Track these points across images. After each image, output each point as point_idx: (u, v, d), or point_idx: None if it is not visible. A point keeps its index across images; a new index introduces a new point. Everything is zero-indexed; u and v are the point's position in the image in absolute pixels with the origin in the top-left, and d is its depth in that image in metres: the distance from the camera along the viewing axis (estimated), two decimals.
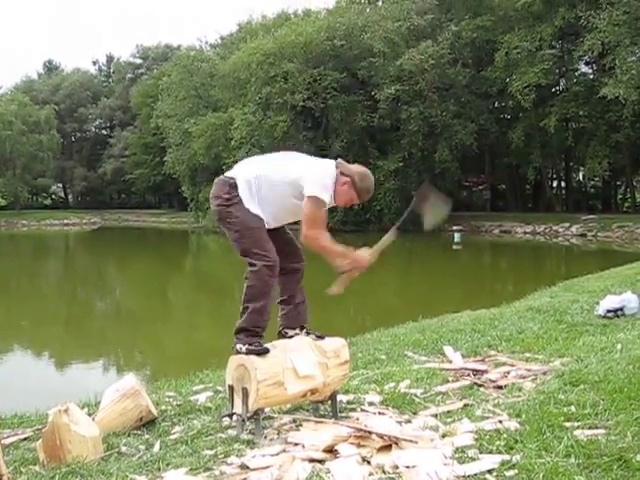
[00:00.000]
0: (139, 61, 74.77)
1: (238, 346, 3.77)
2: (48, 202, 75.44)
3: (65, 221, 58.90)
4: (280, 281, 3.94)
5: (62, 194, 78.12)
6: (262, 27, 44.18)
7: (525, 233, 34.63)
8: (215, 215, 3.92)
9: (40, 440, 3.51)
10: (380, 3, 42.49)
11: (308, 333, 3.99)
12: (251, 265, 3.79)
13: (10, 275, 24.05)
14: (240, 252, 3.85)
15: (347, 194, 3.86)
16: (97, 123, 77.60)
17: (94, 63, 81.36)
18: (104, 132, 77.21)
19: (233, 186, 3.84)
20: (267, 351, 3.72)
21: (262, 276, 3.77)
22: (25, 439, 3.99)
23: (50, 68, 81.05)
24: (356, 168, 3.92)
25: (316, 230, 3.76)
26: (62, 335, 12.73)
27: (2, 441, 3.70)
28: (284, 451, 3.34)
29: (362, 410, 4.04)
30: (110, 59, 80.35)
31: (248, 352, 3.71)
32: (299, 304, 4.03)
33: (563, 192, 44.69)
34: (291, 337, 4.00)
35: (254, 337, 3.78)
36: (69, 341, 12.16)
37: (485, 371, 4.89)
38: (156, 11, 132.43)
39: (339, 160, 3.96)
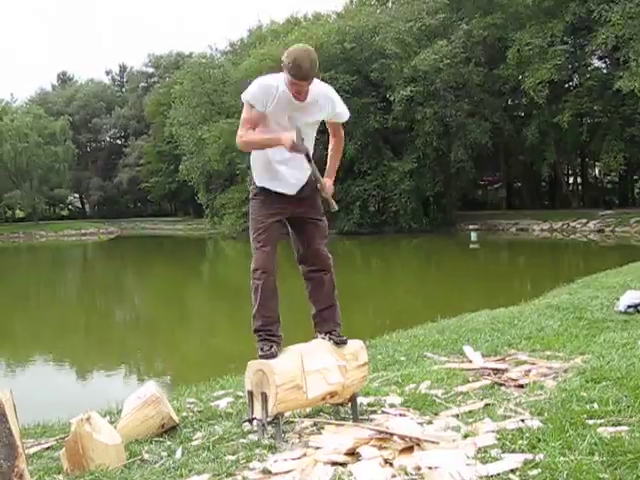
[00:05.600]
0: (151, 70, 75.27)
1: None
2: (65, 213, 76.15)
3: (82, 231, 59.39)
4: (305, 287, 4.01)
5: (79, 204, 78.76)
6: (272, 32, 44.31)
7: (542, 230, 34.45)
8: None
9: (63, 449, 3.53)
10: (390, 4, 42.50)
11: (331, 338, 3.94)
12: None
13: (30, 285, 24.25)
14: None
15: (287, 82, 3.61)
16: (111, 133, 78.22)
17: (107, 73, 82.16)
18: (119, 142, 77.82)
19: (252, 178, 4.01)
20: (273, 356, 3.72)
21: (251, 278, 3.90)
22: (48, 448, 4.02)
23: (64, 80, 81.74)
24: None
25: (241, 131, 3.76)
26: (83, 344, 12.82)
27: (26, 450, 3.72)
28: (306, 455, 3.34)
29: (383, 412, 4.03)
30: (123, 69, 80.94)
31: (259, 357, 3.76)
32: (323, 310, 4.00)
33: (579, 188, 44.43)
34: None
35: (261, 341, 3.82)
36: (90, 350, 12.24)
37: (506, 370, 4.86)
38: (165, 21, 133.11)
39: None
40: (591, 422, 3.36)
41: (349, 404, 3.97)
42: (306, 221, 3.92)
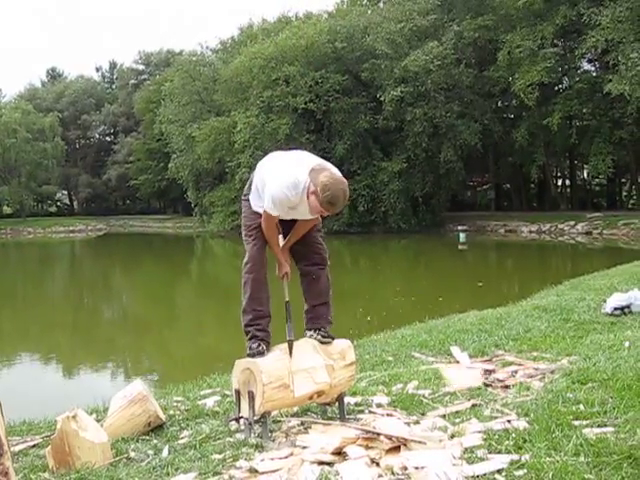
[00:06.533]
0: (142, 67, 74.87)
1: None
2: (53, 209, 75.74)
3: (71, 228, 59.10)
4: (300, 282, 4.02)
5: (67, 201, 78.41)
6: (263, 31, 44.19)
7: (530, 232, 34.55)
8: None
9: (49, 447, 3.51)
10: (382, 5, 42.53)
11: (319, 334, 3.93)
12: None
13: (17, 283, 24.11)
14: None
15: (314, 204, 3.57)
16: (101, 130, 77.80)
17: (97, 70, 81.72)
18: (108, 138, 77.45)
19: (250, 182, 3.97)
20: (261, 354, 3.73)
21: (242, 272, 3.92)
22: (34, 446, 4.00)
23: (53, 76, 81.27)
24: (323, 177, 3.50)
25: (271, 211, 3.71)
26: (69, 341, 12.77)
27: (11, 448, 3.70)
28: (292, 454, 3.34)
29: (370, 412, 4.04)
30: (113, 65, 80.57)
31: (247, 355, 3.78)
32: (316, 306, 4.01)
33: (568, 190, 44.59)
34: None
35: (250, 340, 3.83)
36: (77, 347, 12.19)
37: (493, 371, 4.88)
38: (156, 17, 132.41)
39: (314, 166, 3.63)
40: (577, 423, 3.38)
41: (336, 403, 3.98)
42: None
